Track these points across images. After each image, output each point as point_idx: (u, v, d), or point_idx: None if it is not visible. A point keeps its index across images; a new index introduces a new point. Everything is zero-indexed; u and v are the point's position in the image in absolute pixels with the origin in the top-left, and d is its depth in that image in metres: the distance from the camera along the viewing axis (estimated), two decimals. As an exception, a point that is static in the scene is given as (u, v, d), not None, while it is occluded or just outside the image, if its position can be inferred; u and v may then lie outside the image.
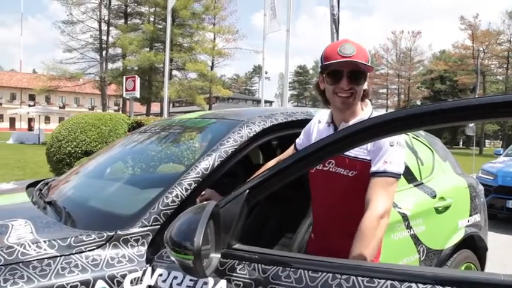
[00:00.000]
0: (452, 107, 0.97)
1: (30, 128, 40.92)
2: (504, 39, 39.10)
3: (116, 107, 50.27)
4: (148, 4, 30.57)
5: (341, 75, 1.37)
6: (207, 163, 1.51)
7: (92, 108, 53.74)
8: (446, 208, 2.40)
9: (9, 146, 21.04)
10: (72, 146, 7.98)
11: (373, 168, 1.35)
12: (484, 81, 38.45)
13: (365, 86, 1.44)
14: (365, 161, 1.40)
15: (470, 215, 2.66)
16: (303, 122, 1.74)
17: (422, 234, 2.21)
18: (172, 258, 0.98)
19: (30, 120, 44.90)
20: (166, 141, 2.02)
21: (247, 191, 1.16)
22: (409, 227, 2.15)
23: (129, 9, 32.03)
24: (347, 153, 1.41)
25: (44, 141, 19.92)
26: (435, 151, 2.75)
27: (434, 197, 2.37)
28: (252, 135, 1.68)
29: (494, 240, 4.33)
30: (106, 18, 31.38)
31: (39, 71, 47.71)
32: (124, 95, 11.55)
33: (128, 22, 31.64)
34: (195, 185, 1.44)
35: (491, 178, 6.44)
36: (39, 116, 27.80)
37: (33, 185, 2.25)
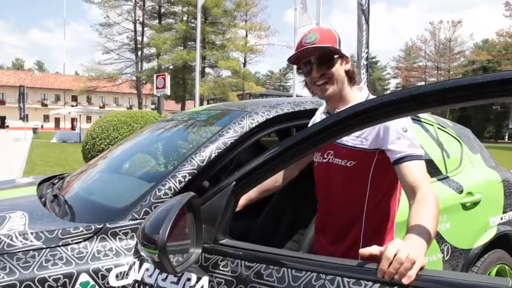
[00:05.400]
0: (454, 86, 0.85)
1: (73, 127, 42.85)
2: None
3: (153, 106, 51.68)
4: (181, 3, 31.09)
5: (311, 65, 1.33)
6: (203, 155, 1.45)
7: (130, 107, 55.46)
8: (474, 204, 2.21)
9: (52, 144, 22.14)
10: (106, 143, 8.25)
11: (398, 155, 1.20)
12: (533, 71, 35.94)
13: (347, 67, 1.34)
14: (365, 150, 1.29)
15: (505, 212, 2.44)
16: (312, 112, 1.65)
17: (446, 232, 2.05)
18: (142, 254, 0.93)
19: (73, 120, 47.02)
20: (171, 134, 1.99)
21: (234, 182, 1.09)
22: (431, 224, 1.99)
23: (162, 10, 32.78)
24: (345, 142, 1.32)
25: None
26: (464, 143, 2.54)
27: (461, 192, 2.18)
28: (254, 125, 1.60)
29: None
30: (140, 19, 32.30)
31: (80, 72, 49.94)
32: (155, 93, 11.77)
33: (162, 22, 32.36)
34: (190, 177, 1.38)
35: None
36: (80, 115, 29.13)
37: (49, 179, 2.30)
